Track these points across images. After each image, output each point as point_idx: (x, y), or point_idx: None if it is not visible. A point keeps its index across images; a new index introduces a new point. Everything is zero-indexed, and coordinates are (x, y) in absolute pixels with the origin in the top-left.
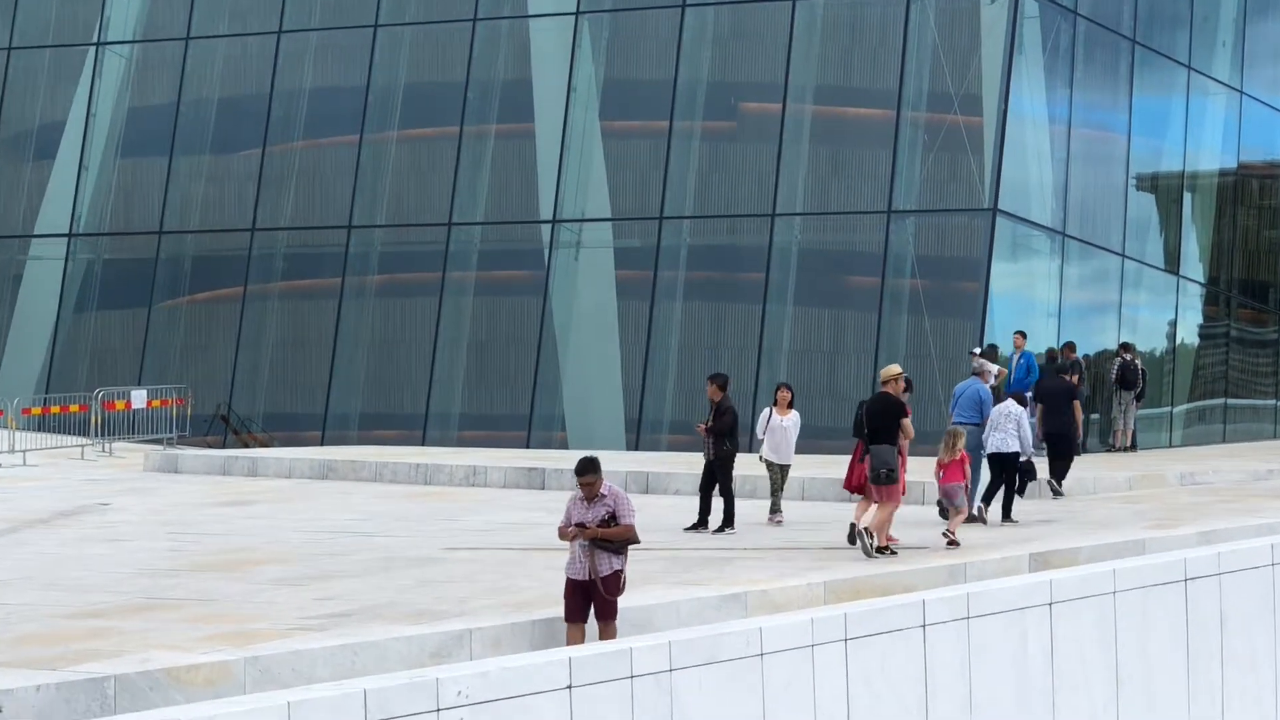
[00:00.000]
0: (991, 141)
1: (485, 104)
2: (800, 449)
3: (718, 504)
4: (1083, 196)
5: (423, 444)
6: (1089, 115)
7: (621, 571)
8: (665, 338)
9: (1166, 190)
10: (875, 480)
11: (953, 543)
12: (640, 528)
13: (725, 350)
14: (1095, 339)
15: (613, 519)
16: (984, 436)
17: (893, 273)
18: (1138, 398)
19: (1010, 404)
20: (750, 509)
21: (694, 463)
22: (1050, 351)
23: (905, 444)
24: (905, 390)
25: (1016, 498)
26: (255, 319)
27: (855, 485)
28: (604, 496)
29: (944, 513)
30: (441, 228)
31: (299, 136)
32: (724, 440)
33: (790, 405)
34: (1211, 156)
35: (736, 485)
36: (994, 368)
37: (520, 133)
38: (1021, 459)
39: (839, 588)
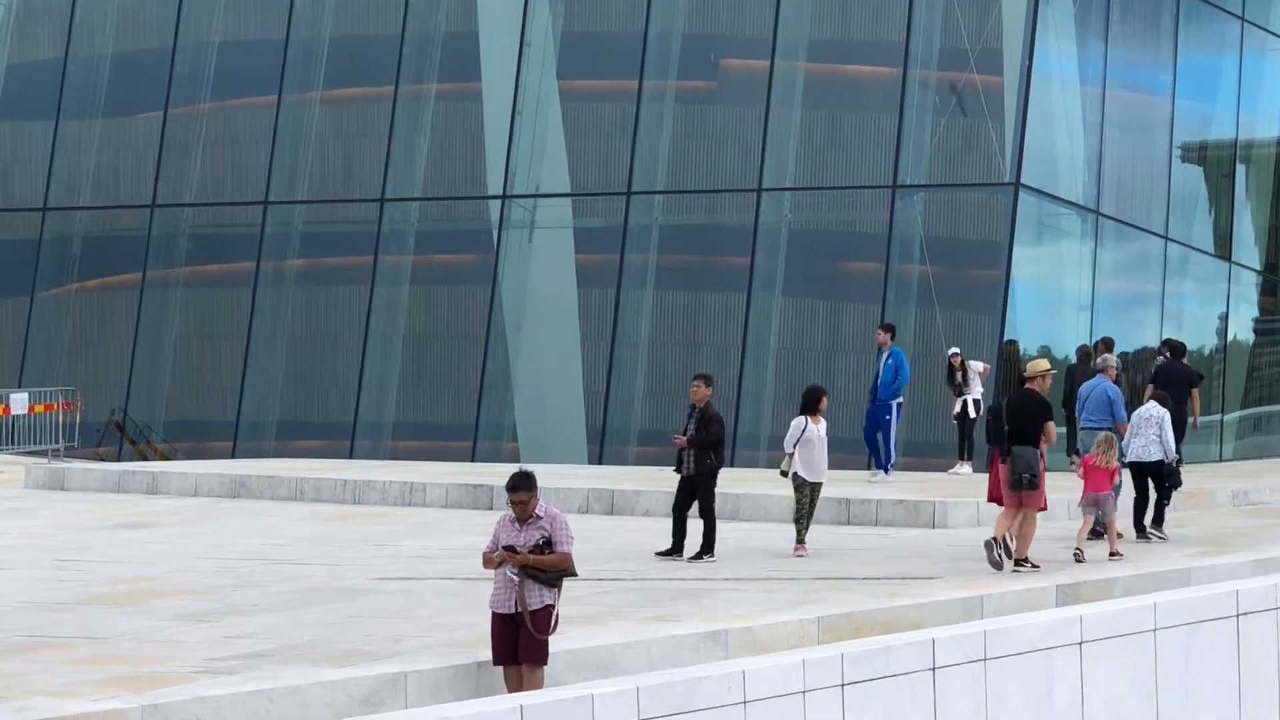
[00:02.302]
0: (1013, 105)
1: (424, 60)
2: None
3: (694, 526)
4: (1119, 169)
5: (350, 456)
6: (1127, 75)
7: (554, 607)
8: (633, 333)
9: (1216, 162)
10: (1016, 485)
11: (1080, 555)
12: (605, 554)
13: (704, 347)
14: (1134, 335)
15: (548, 545)
16: (1123, 443)
17: (899, 257)
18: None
19: (1152, 406)
20: (732, 533)
21: (667, 480)
22: (1082, 349)
23: (1044, 449)
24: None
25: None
26: (155, 310)
27: (998, 496)
28: (539, 518)
29: (1095, 530)
30: (373, 204)
31: (207, 98)
32: (709, 454)
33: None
34: (1269, 123)
35: (716, 505)
36: (1115, 360)
37: (465, 94)
38: (1165, 464)
39: (835, 624)
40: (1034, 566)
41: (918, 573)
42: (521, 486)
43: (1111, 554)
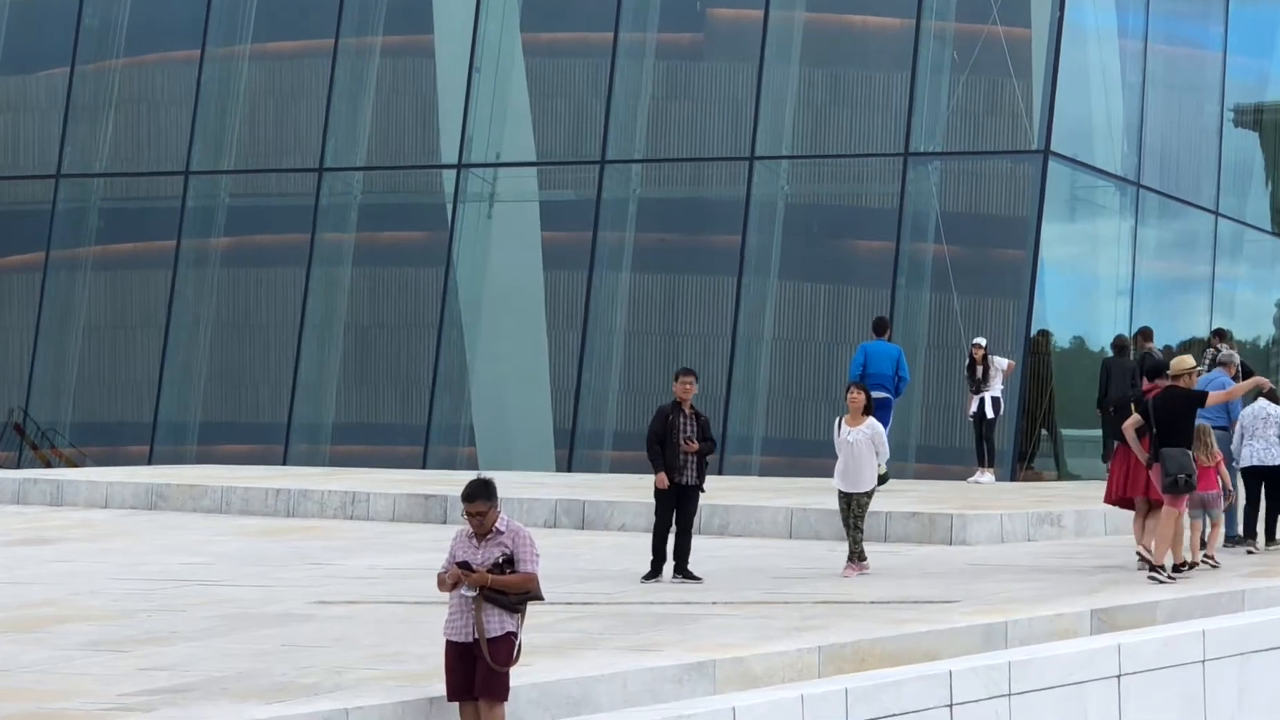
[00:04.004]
0: (1042, 62)
1: (369, 10)
2: (785, 470)
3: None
4: (1163, 135)
5: (284, 463)
6: (1172, 27)
7: (516, 635)
8: (607, 321)
9: (1274, 127)
10: (1172, 489)
11: (1213, 564)
12: (576, 574)
13: (687, 338)
14: (1179, 324)
15: (509, 564)
16: (1233, 446)
17: (911, 235)
18: None
19: (1265, 405)
20: (721, 550)
21: (645, 489)
22: (1119, 339)
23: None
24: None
25: None
26: (60, 296)
27: (1120, 497)
28: (499, 533)
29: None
30: (310, 174)
31: (119, 53)
32: (705, 461)
33: (867, 411)
34: None
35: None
36: (1237, 356)
37: (415, 47)
38: None
39: (838, 654)
40: (1170, 578)
41: (932, 596)
42: (479, 495)
43: (1206, 557)
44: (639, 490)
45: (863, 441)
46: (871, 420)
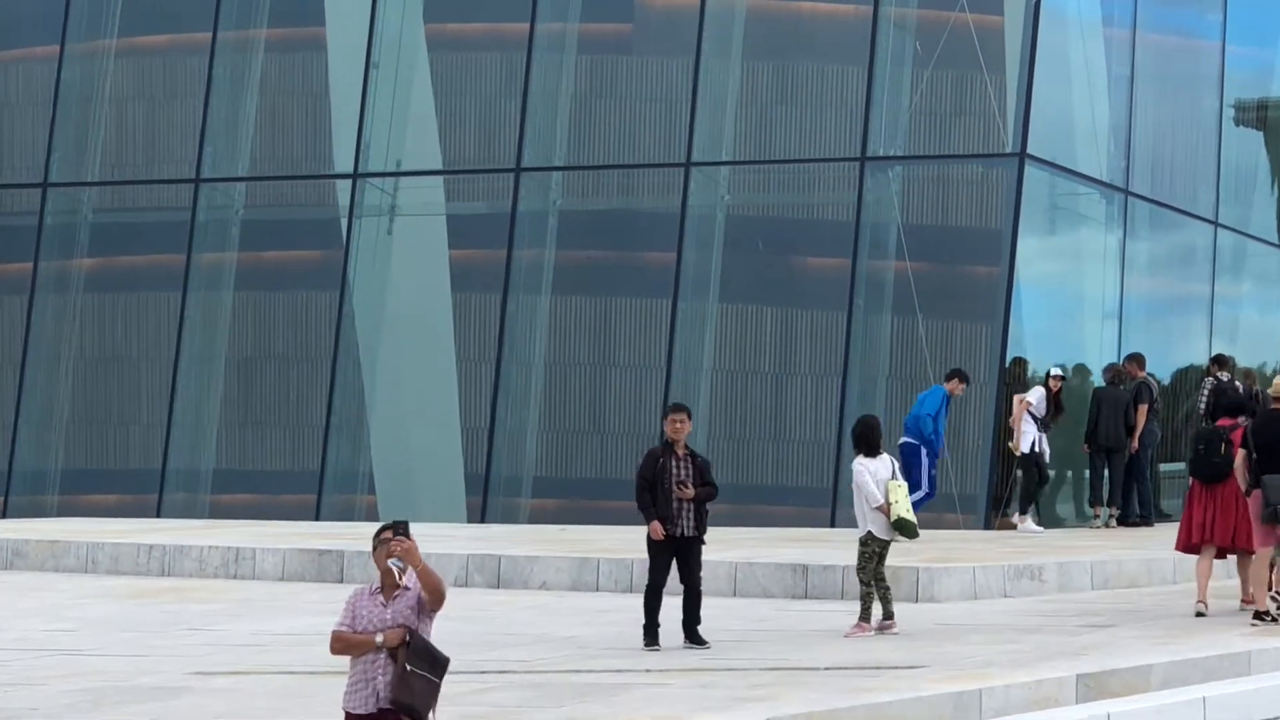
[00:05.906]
0: (1017, 53)
1: None
2: (727, 520)
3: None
4: (1154, 135)
5: (158, 515)
6: (1164, 14)
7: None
8: (525, 351)
9: None
10: (1272, 519)
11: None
12: (490, 640)
13: (616, 369)
14: (1175, 349)
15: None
16: None
17: (870, 250)
18: None
19: None
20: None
21: (569, 543)
22: (1111, 369)
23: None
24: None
25: None
26: None
27: (1193, 543)
28: (408, 590)
29: None
30: (186, 186)
31: None
32: (706, 509)
33: (872, 451)
34: None
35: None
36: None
37: (305, 41)
38: None
39: None
40: (1275, 619)
41: (896, 660)
42: (402, 529)
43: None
44: (562, 544)
45: (861, 477)
46: (881, 457)
